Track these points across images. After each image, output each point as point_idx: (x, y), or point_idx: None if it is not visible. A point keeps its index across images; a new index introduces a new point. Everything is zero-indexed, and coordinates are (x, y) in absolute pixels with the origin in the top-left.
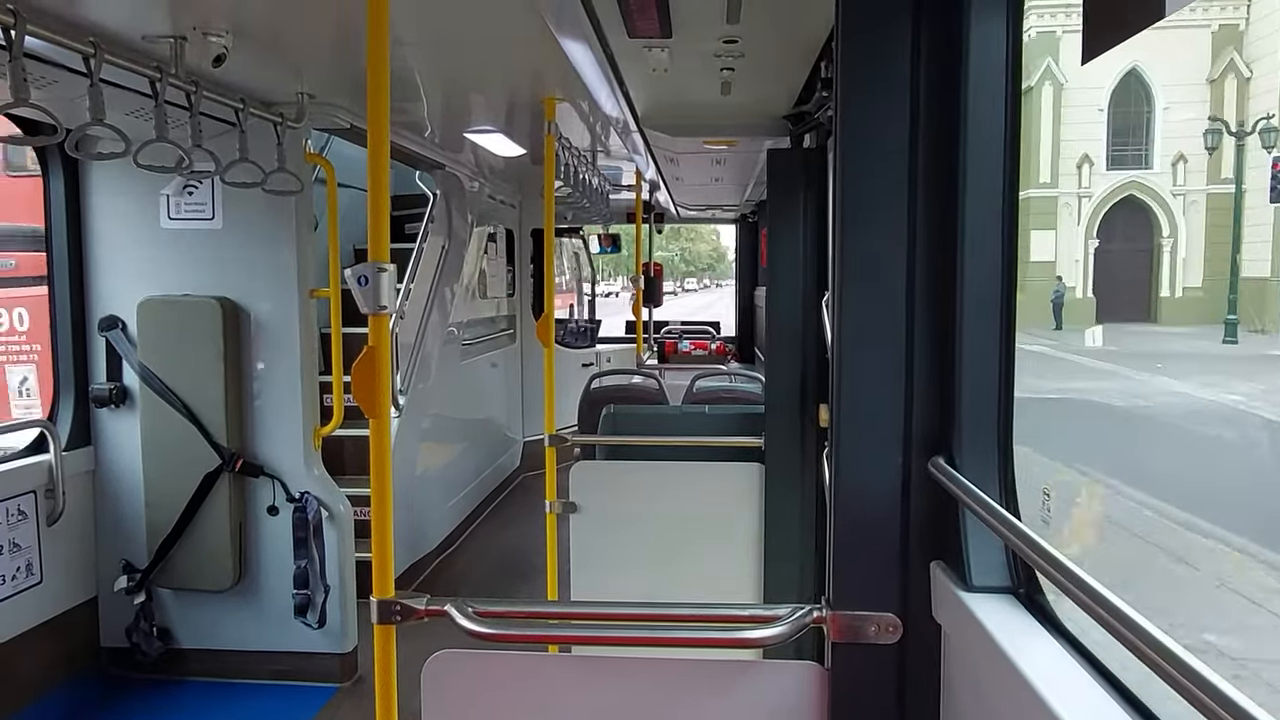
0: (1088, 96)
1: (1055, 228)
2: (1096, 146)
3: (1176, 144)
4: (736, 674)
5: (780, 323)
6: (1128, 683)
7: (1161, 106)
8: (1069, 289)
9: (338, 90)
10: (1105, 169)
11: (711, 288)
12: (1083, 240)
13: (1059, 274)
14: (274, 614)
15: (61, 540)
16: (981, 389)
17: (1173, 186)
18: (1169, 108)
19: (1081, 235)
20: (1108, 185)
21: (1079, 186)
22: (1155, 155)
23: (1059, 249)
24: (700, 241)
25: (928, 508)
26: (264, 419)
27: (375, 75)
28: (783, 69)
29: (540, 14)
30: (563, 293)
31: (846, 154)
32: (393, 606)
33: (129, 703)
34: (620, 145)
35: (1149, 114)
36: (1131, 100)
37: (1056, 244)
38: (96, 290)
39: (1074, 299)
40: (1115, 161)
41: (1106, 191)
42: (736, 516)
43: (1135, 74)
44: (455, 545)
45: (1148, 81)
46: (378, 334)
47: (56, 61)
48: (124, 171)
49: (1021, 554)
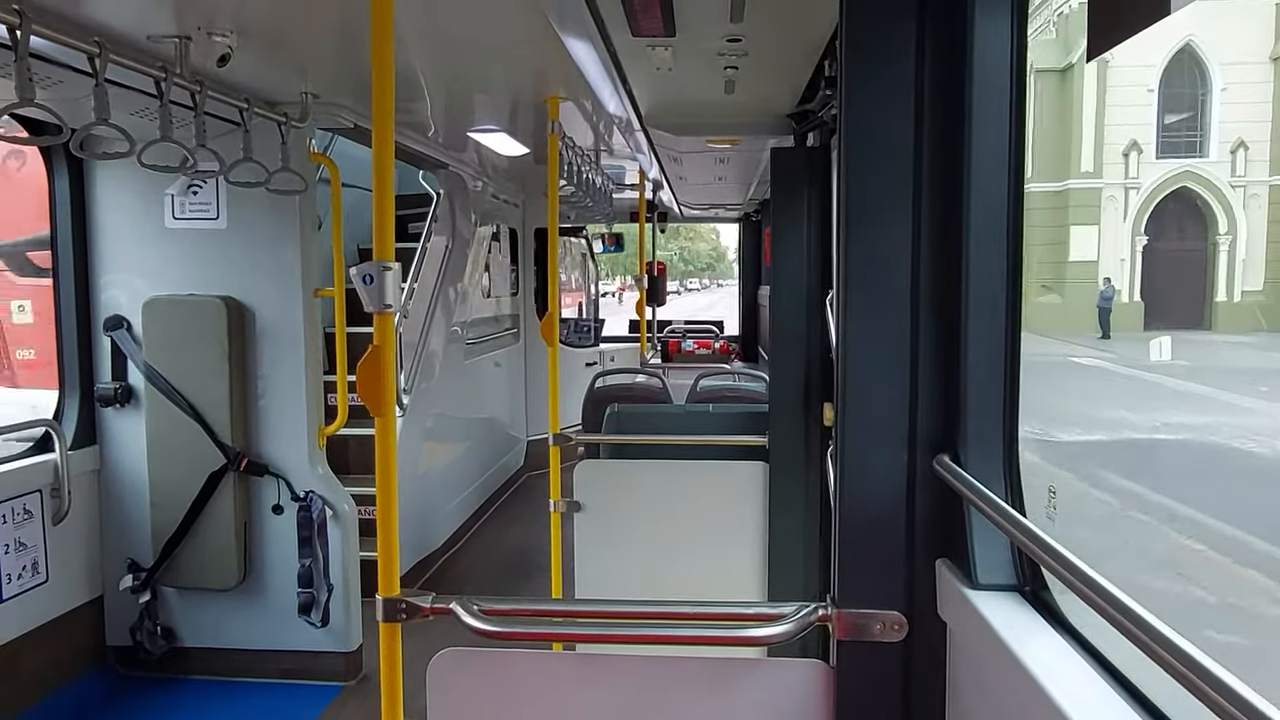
0: (1135, 75)
1: (1098, 223)
2: (1145, 132)
3: (1236, 129)
4: (742, 672)
5: (784, 322)
6: (1135, 680)
7: (1219, 87)
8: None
9: (341, 90)
10: (1155, 157)
11: (712, 287)
12: (1129, 237)
13: (1106, 275)
14: (278, 613)
15: (67, 539)
16: (987, 386)
17: (1231, 177)
18: (1227, 88)
19: (1128, 231)
20: (1158, 175)
21: (1125, 177)
22: (1211, 142)
23: (1103, 247)
24: (700, 240)
25: (933, 506)
26: (268, 418)
27: (380, 74)
28: (786, 68)
29: (544, 13)
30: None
31: (850, 152)
32: (398, 604)
33: (134, 701)
34: (624, 144)
35: (1204, 96)
36: (1185, 80)
37: (1100, 241)
38: (102, 290)
39: (1119, 303)
40: (1166, 149)
41: (1156, 182)
42: (740, 515)
43: (1189, 51)
44: (459, 544)
45: (1203, 59)
46: (383, 333)
47: (62, 61)
48: (129, 171)
49: (1028, 551)
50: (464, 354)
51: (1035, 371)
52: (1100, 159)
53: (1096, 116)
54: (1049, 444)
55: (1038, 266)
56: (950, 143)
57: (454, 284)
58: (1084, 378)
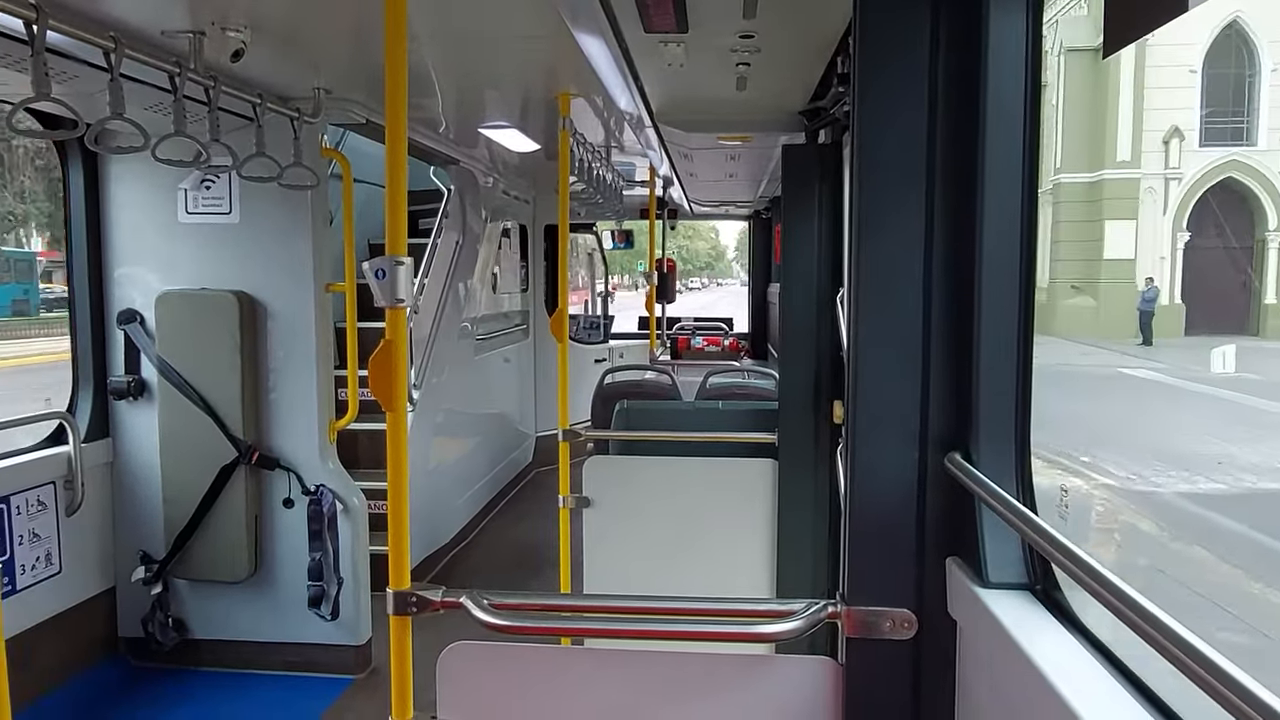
0: (1177, 55)
1: (1136, 217)
2: (1188, 117)
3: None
4: (750, 668)
5: (794, 319)
6: (1147, 679)
7: (1269, 67)
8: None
9: (354, 85)
10: (1198, 145)
11: (711, 286)
12: (1169, 233)
13: (1149, 275)
14: (289, 606)
15: (80, 531)
16: (999, 385)
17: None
18: (1278, 68)
19: (1168, 227)
20: (1201, 165)
21: (1165, 167)
22: (1260, 128)
23: (1140, 244)
24: (698, 239)
25: (943, 503)
26: (280, 412)
27: (393, 71)
28: (799, 64)
29: (556, 9)
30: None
31: (863, 149)
32: (409, 598)
33: (146, 692)
34: (634, 141)
35: (1252, 77)
36: (1232, 60)
37: (1137, 237)
38: (115, 284)
39: (1158, 305)
40: (1210, 136)
41: (1200, 173)
42: (750, 512)
43: (1236, 28)
44: (469, 539)
45: (1251, 37)
46: (395, 327)
47: (77, 56)
48: (142, 166)
49: (1039, 549)
50: (474, 349)
51: (1083, 386)
52: (1138, 147)
53: (1134, 100)
54: (1152, 497)
55: (1067, 266)
56: (964, 139)
57: (464, 280)
58: (1147, 395)
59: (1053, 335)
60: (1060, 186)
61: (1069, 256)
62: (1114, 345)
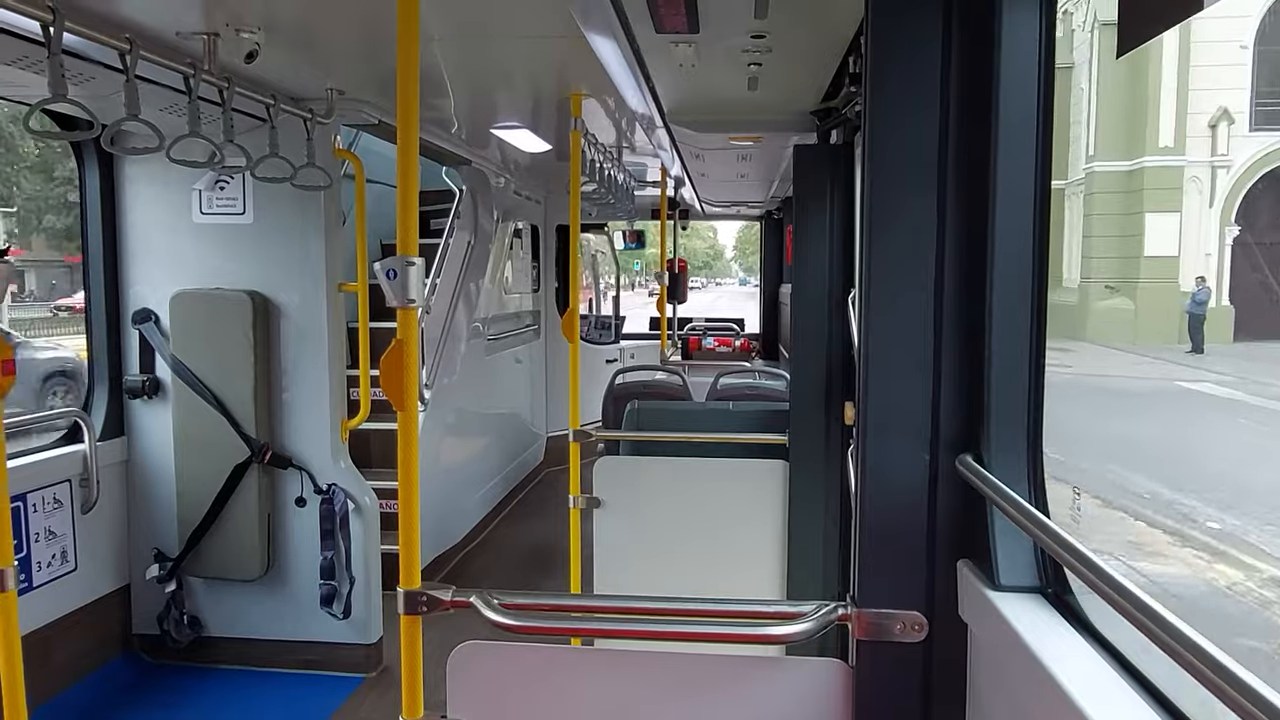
0: (1225, 28)
1: (1179, 210)
2: (1238, 99)
3: None
4: (760, 670)
5: (806, 320)
6: (1159, 683)
7: None
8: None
9: (366, 86)
10: (1249, 129)
11: (709, 286)
12: (1216, 227)
13: (1199, 274)
14: (301, 604)
15: (95, 529)
16: (1011, 387)
17: None
18: None
19: (1215, 220)
20: (1253, 152)
21: (1212, 154)
22: None
23: (1184, 239)
24: (695, 238)
25: (955, 506)
26: (292, 412)
27: (405, 72)
28: (810, 64)
29: (567, 10)
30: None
31: (874, 150)
32: (419, 597)
33: (160, 688)
34: (646, 141)
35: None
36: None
37: (1181, 232)
38: (130, 283)
39: None
40: (1263, 119)
41: (1251, 160)
42: (760, 513)
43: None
44: (479, 539)
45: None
46: (406, 327)
47: (93, 58)
48: (157, 167)
49: (1052, 552)
50: (485, 350)
51: (1141, 406)
52: (1182, 132)
53: (1177, 80)
54: None
55: (1102, 263)
56: (976, 139)
57: (476, 280)
58: (1232, 419)
59: (1085, 341)
60: (1093, 176)
61: (1104, 253)
62: (1159, 352)
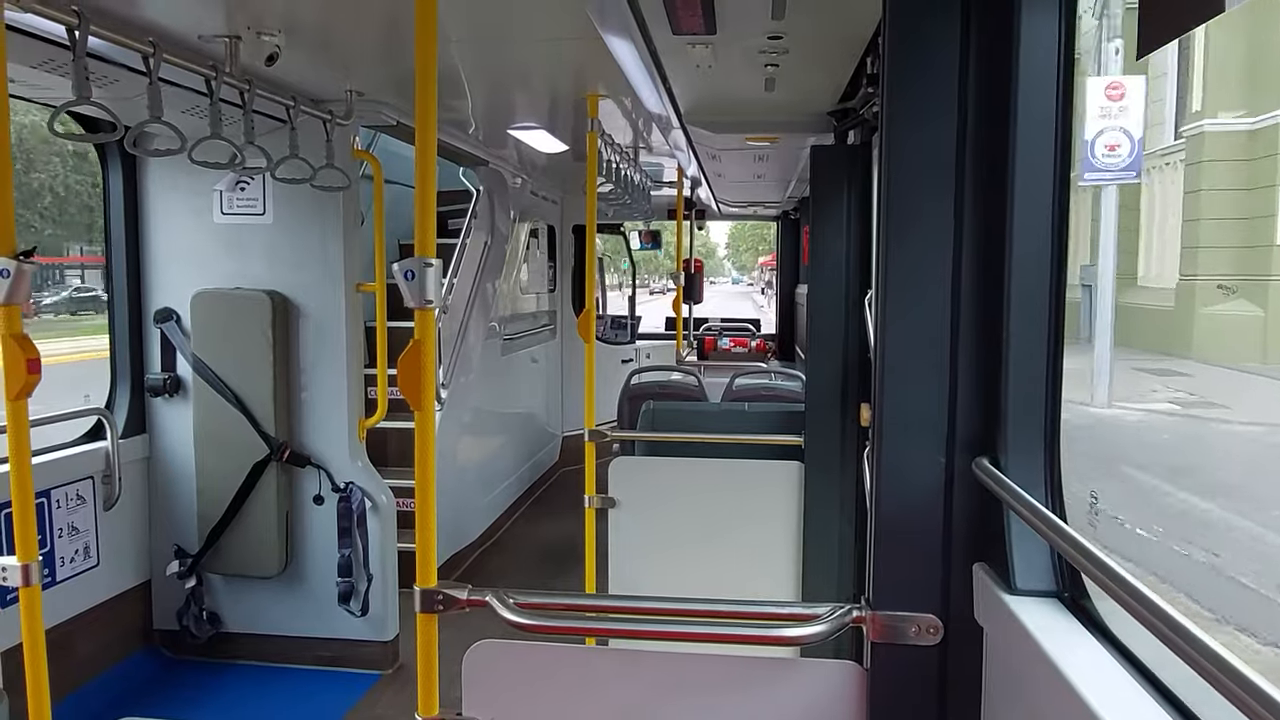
0: None
1: None
2: None
3: None
4: (774, 671)
5: (822, 321)
6: (1177, 691)
7: None
8: None
9: (385, 88)
10: None
11: (706, 284)
12: None
13: None
14: (319, 601)
15: (117, 525)
16: (1028, 389)
17: None
18: None
19: None
20: None
21: None
22: None
23: None
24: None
25: (970, 509)
26: (311, 410)
27: (423, 73)
28: (827, 65)
29: (585, 11)
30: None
31: (891, 150)
32: (435, 595)
33: (179, 683)
34: (662, 142)
35: None
36: None
37: None
38: (153, 283)
39: None
40: None
41: None
42: (775, 514)
43: None
44: (495, 538)
45: None
46: (423, 328)
47: (117, 61)
48: (179, 168)
49: (1068, 556)
50: (501, 349)
51: None
52: None
53: None
54: None
55: (1213, 255)
56: (994, 141)
57: (492, 280)
58: None
59: (1192, 358)
60: (1203, 139)
61: (1217, 242)
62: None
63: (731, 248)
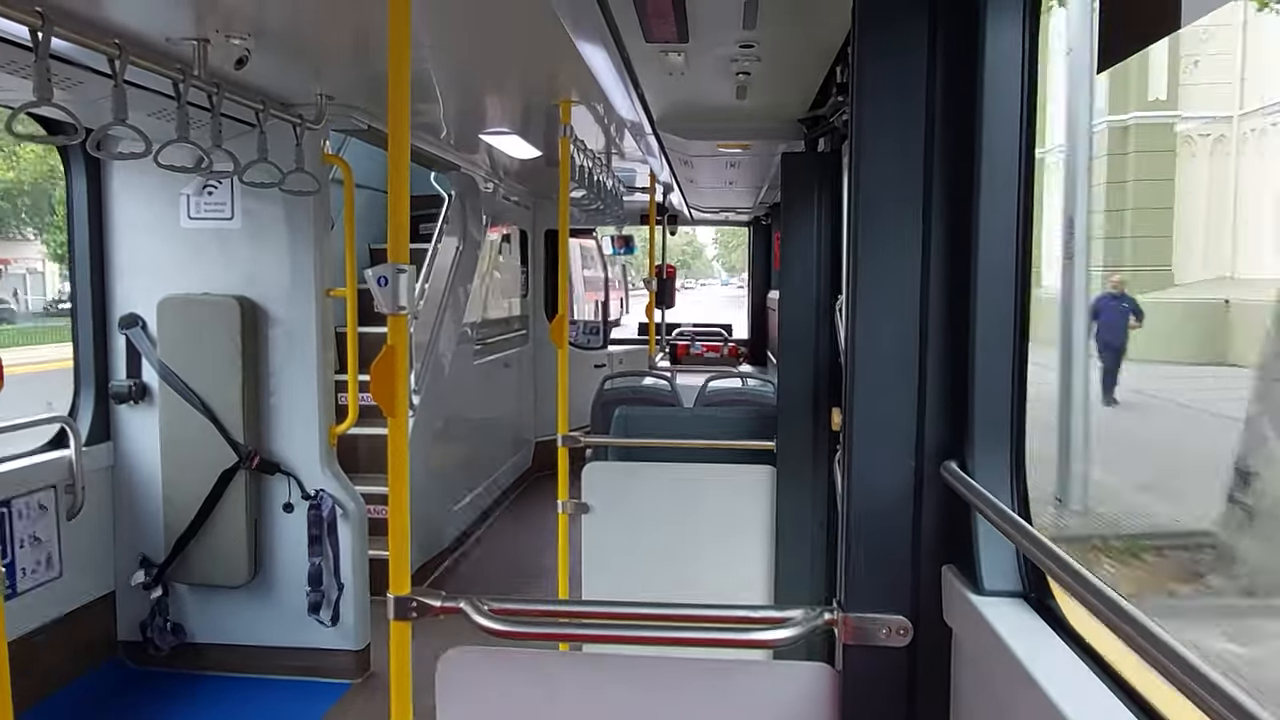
0: None
1: None
2: None
3: None
4: (748, 674)
5: (793, 326)
6: (1140, 688)
7: None
8: None
9: (356, 92)
10: None
11: (695, 287)
12: None
13: None
14: (288, 610)
15: (80, 535)
16: (994, 394)
17: None
18: None
19: None
20: None
21: None
22: None
23: None
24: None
25: (939, 511)
26: (280, 417)
27: (396, 79)
28: (798, 73)
29: (558, 18)
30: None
31: (861, 158)
32: (409, 603)
33: (144, 695)
34: (635, 148)
35: None
36: None
37: None
38: (117, 288)
39: None
40: None
41: None
42: (748, 518)
43: None
44: (468, 544)
45: None
46: (397, 334)
47: (81, 63)
48: (145, 171)
49: (1033, 558)
50: (473, 355)
51: None
52: None
53: None
54: None
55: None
56: (961, 150)
57: (464, 285)
58: None
59: None
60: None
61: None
62: None
63: (721, 246)
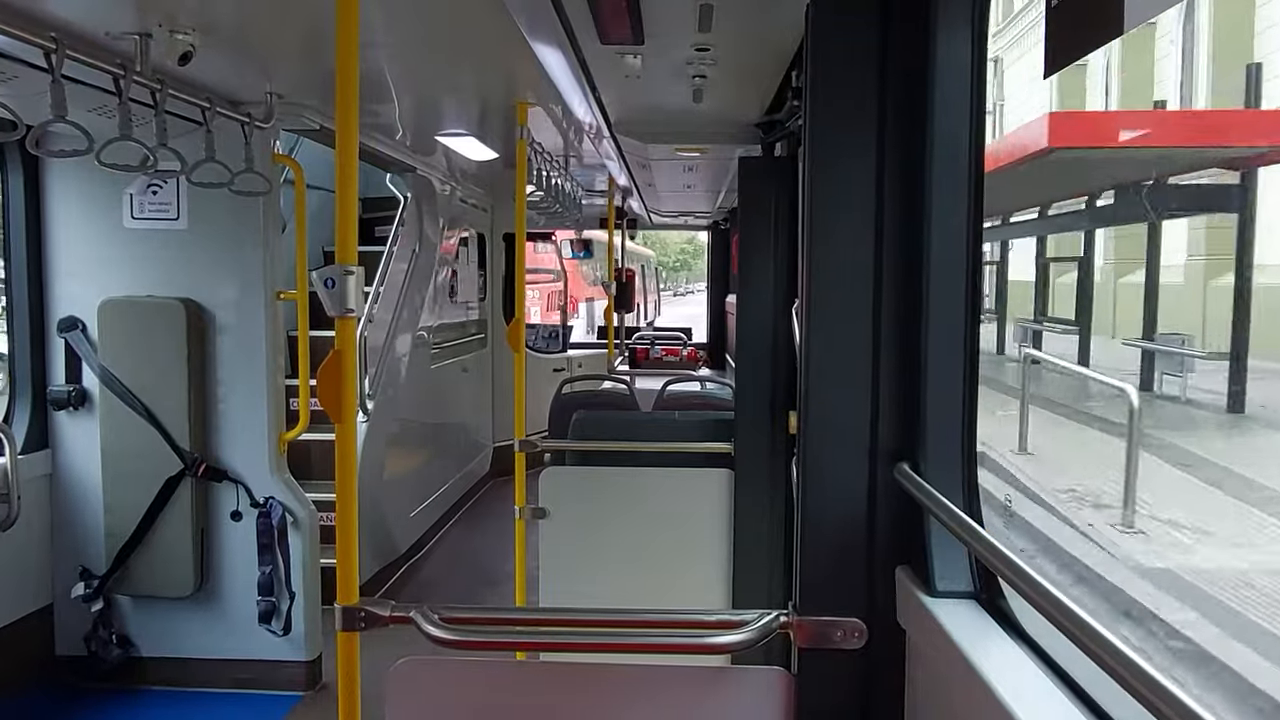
0: None
1: None
2: None
3: None
4: (704, 680)
5: (750, 330)
6: (1084, 684)
7: None
8: None
9: (307, 91)
10: None
11: (694, 291)
12: None
13: None
14: (237, 621)
15: (15, 546)
16: (946, 398)
17: None
18: None
19: None
20: None
21: None
22: None
23: None
24: (671, 232)
25: (893, 514)
26: (228, 423)
27: (344, 77)
28: (754, 77)
29: (513, 19)
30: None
31: (815, 162)
32: (357, 613)
33: (86, 713)
34: (593, 151)
35: None
36: None
37: None
38: (56, 290)
39: None
40: None
41: None
42: (706, 522)
43: None
44: (423, 551)
45: None
46: (344, 338)
47: (16, 56)
48: (86, 170)
49: (984, 560)
50: (430, 359)
51: None
52: None
53: None
54: None
55: None
56: (913, 154)
57: (421, 288)
58: None
59: None
60: None
61: None
62: None
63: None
